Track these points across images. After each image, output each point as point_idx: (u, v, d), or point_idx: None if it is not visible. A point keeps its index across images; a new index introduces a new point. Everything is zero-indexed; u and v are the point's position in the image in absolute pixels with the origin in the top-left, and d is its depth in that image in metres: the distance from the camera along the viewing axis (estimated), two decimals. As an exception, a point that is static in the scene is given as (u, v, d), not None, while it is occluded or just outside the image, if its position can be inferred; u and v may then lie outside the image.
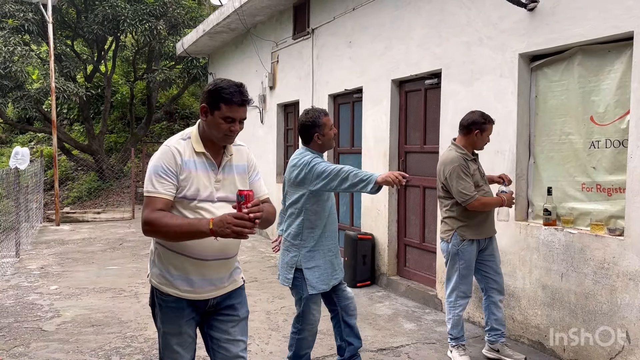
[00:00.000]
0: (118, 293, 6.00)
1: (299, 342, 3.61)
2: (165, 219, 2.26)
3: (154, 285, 2.51)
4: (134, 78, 16.80)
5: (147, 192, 2.33)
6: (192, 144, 2.43)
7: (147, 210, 2.30)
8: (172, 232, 2.26)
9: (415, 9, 5.66)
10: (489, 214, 3.98)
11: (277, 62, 8.99)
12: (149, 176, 2.35)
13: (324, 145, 3.56)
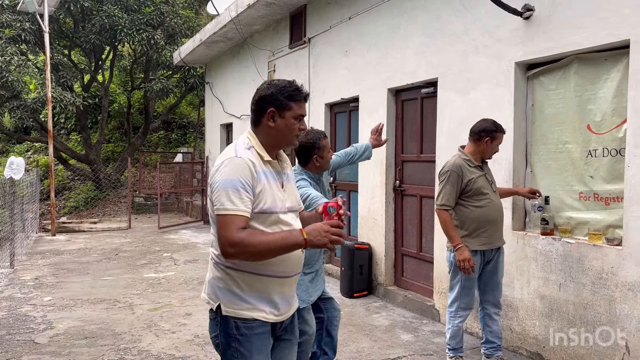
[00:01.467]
0: (112, 304, 5.94)
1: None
2: (257, 237, 2.07)
3: (231, 315, 2.20)
4: (131, 87, 16.79)
5: (226, 210, 2.07)
6: (257, 152, 2.23)
7: (229, 231, 2.05)
8: (266, 250, 2.06)
9: (411, 17, 5.65)
10: (496, 224, 3.92)
11: (274, 71, 8.98)
12: (224, 192, 2.09)
13: (322, 168, 3.55)
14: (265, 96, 2.24)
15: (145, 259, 8.57)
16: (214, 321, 2.26)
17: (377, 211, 6.24)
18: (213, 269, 2.27)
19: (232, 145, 2.26)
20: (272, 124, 2.24)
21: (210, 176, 2.19)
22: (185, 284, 6.88)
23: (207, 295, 2.28)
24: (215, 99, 11.96)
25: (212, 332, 2.29)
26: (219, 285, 2.24)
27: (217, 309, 2.22)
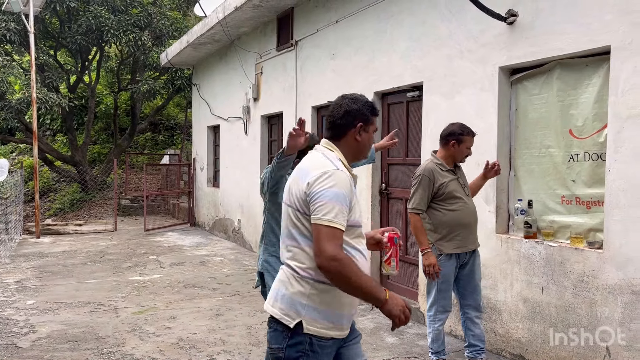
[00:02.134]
0: (97, 307, 5.89)
1: None
2: (354, 267, 2.05)
3: (311, 333, 2.14)
4: (118, 89, 16.69)
5: (331, 222, 2.05)
6: (344, 166, 2.24)
7: (332, 245, 2.03)
8: (354, 284, 2.04)
9: (397, 21, 5.68)
10: (470, 228, 3.95)
11: (261, 74, 8.98)
12: (331, 204, 2.06)
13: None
14: (352, 110, 2.27)
15: (131, 261, 8.52)
16: (282, 334, 2.18)
17: (363, 214, 6.23)
18: (294, 284, 2.18)
19: (321, 156, 2.24)
20: (359, 138, 2.28)
21: (308, 185, 2.13)
22: (171, 287, 6.85)
23: (281, 310, 2.19)
24: (202, 101, 11.93)
25: (274, 344, 2.21)
26: (301, 302, 2.16)
27: (297, 325, 2.15)
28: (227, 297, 6.34)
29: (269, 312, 2.25)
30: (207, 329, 5.16)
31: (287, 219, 2.23)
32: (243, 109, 9.55)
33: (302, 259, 2.17)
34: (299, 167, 2.27)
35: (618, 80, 3.55)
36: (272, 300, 2.26)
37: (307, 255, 2.14)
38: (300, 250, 2.18)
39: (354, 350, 2.35)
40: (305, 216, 2.14)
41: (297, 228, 2.18)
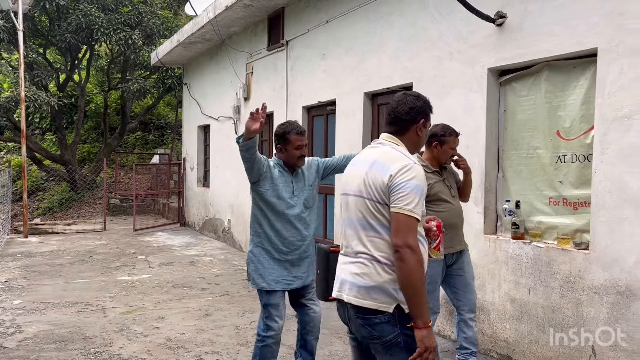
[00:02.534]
0: (84, 307, 5.86)
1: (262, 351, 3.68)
2: (422, 264, 2.22)
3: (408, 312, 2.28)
4: (108, 87, 16.61)
5: (411, 213, 2.19)
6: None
7: (411, 234, 2.18)
8: (415, 278, 2.17)
9: (387, 22, 5.69)
10: (456, 229, 3.94)
11: (252, 74, 8.96)
12: (415, 196, 2.20)
13: (287, 161, 3.62)
14: (415, 107, 2.41)
15: (120, 261, 8.47)
16: (389, 323, 2.26)
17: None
18: (382, 273, 2.27)
19: (394, 150, 2.35)
20: (420, 133, 2.44)
21: (390, 177, 2.24)
22: (160, 287, 6.82)
23: (375, 300, 2.26)
24: (192, 100, 11.89)
25: (388, 334, 2.26)
26: (393, 287, 2.26)
27: (396, 309, 2.25)
28: (216, 297, 6.32)
29: (359, 305, 2.28)
30: (196, 329, 5.14)
31: (364, 210, 2.31)
32: (233, 109, 9.53)
33: (385, 249, 2.26)
34: (371, 161, 2.35)
35: (605, 82, 3.58)
36: (359, 294, 2.29)
37: (390, 245, 2.24)
38: (382, 241, 2.28)
39: None
40: (385, 207, 2.25)
41: (377, 219, 2.28)
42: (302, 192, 3.66)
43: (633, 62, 3.42)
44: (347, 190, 2.44)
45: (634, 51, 3.42)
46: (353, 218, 2.36)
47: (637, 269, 3.39)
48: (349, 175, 2.47)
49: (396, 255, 2.19)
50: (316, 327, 3.84)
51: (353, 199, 2.37)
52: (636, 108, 3.40)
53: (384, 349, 2.29)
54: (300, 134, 3.59)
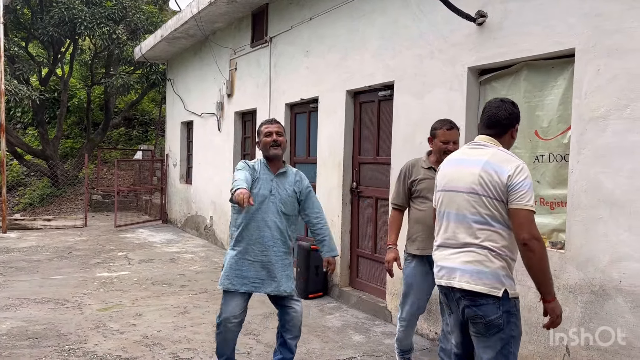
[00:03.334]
0: (61, 304, 5.78)
1: (218, 337, 3.76)
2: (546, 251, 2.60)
3: (512, 296, 2.65)
4: (92, 82, 16.42)
5: (532, 208, 2.54)
6: None
7: (534, 227, 2.53)
8: (543, 265, 2.55)
9: (369, 20, 5.68)
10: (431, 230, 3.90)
11: (235, 70, 8.91)
12: (530, 192, 2.55)
13: (264, 153, 3.74)
14: (513, 113, 2.76)
15: (99, 257, 8.38)
16: (493, 305, 2.61)
17: (334, 212, 6.24)
18: (494, 261, 2.61)
19: (502, 152, 2.68)
20: (514, 136, 2.81)
21: (508, 177, 2.56)
22: (139, 283, 6.75)
23: (486, 285, 2.61)
24: (176, 96, 11.80)
25: (492, 314, 2.61)
26: (503, 274, 2.62)
27: (504, 293, 2.60)
28: (195, 295, 6.27)
29: (470, 289, 2.63)
30: (173, 327, 5.09)
31: (480, 206, 2.61)
32: (217, 105, 9.46)
33: (498, 240, 2.60)
34: (483, 161, 2.64)
35: (582, 83, 3.59)
36: (471, 279, 2.64)
37: (501, 236, 2.60)
38: (494, 233, 2.60)
39: None
40: (502, 203, 2.57)
41: (492, 214, 2.60)
42: (280, 193, 3.65)
43: (609, 63, 3.44)
44: (453, 187, 2.74)
45: (610, 52, 3.44)
46: (464, 213, 2.67)
47: (611, 269, 3.41)
48: (455, 173, 2.76)
49: (525, 247, 2.52)
50: (296, 326, 3.84)
51: (464, 195, 2.67)
52: (612, 108, 3.42)
53: (485, 327, 2.65)
54: (270, 122, 3.75)
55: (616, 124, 3.40)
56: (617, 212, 3.38)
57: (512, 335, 2.66)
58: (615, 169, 3.39)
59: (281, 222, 3.65)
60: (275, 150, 3.64)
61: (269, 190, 3.61)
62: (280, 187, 3.67)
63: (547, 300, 2.63)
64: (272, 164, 3.70)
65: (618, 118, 3.38)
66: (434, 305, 4.78)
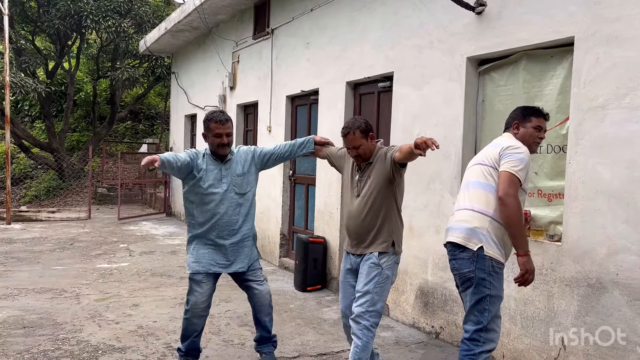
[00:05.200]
0: (59, 294, 5.78)
1: (185, 323, 3.81)
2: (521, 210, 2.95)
3: (491, 256, 2.95)
4: (98, 76, 16.45)
5: (516, 173, 2.89)
6: None
7: (513, 187, 2.89)
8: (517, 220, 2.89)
9: (370, 11, 5.61)
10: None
11: (238, 62, 8.87)
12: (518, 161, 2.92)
13: (211, 148, 3.74)
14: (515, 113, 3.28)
15: (101, 249, 8.39)
16: (468, 260, 2.97)
17: (333, 205, 6.20)
18: (477, 219, 2.99)
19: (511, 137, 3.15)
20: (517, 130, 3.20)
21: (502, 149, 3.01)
22: (138, 275, 6.75)
23: (465, 239, 3.00)
24: (180, 90, 11.79)
25: (465, 268, 3.00)
26: (482, 232, 2.96)
27: (479, 249, 2.94)
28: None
29: (454, 241, 3.04)
30: (169, 317, 5.07)
31: (479, 174, 3.05)
32: (219, 98, 9.43)
33: (484, 202, 2.98)
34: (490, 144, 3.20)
35: (581, 72, 3.52)
36: (455, 234, 3.06)
37: (487, 200, 2.97)
38: (483, 196, 2.99)
39: None
40: (495, 171, 2.97)
41: (487, 180, 3.00)
42: (232, 179, 3.75)
43: (608, 51, 3.36)
44: (471, 164, 3.20)
45: (609, 40, 3.36)
46: (468, 181, 3.12)
47: (608, 261, 3.34)
48: (477, 155, 3.25)
49: (500, 202, 2.89)
50: (264, 304, 3.93)
51: (473, 167, 3.13)
52: (610, 98, 3.34)
53: (460, 280, 3.04)
54: (220, 122, 3.65)
55: (615, 114, 3.32)
56: (615, 204, 3.31)
57: (488, 293, 2.95)
58: (614, 159, 3.32)
59: (238, 203, 3.77)
60: (223, 150, 3.72)
61: (219, 178, 3.70)
62: (230, 170, 3.76)
63: (519, 254, 2.94)
64: (219, 156, 3.77)
65: (617, 107, 3.31)
66: (430, 298, 4.74)
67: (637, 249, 3.19)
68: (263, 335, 4.00)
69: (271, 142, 7.67)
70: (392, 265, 3.41)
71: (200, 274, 3.71)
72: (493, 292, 2.97)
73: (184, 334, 3.83)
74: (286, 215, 7.45)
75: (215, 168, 3.71)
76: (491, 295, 2.97)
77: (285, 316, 5.23)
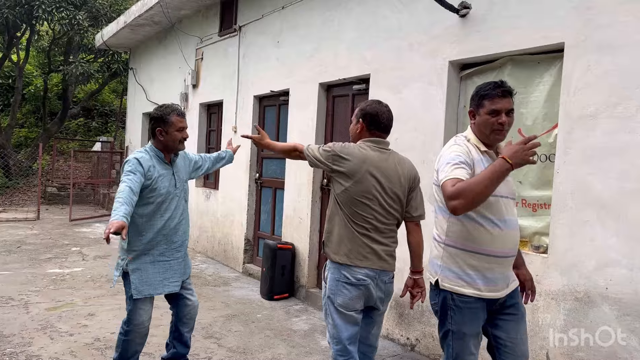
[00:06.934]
0: (5, 302, 5.33)
1: (126, 344, 3.46)
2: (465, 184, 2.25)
3: (447, 289, 2.51)
4: (49, 70, 15.70)
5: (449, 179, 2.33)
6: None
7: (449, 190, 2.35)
8: (482, 189, 2.20)
9: (346, 10, 5.43)
10: None
11: (202, 60, 8.54)
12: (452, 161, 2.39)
13: (167, 145, 3.40)
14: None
15: (51, 252, 7.89)
16: (434, 292, 2.61)
17: (302, 210, 5.98)
18: (434, 249, 2.61)
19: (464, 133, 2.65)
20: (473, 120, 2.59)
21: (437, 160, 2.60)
22: (92, 281, 6.34)
23: (428, 271, 2.67)
24: (138, 86, 11.32)
25: (431, 300, 2.64)
26: (438, 263, 2.56)
27: (436, 282, 2.56)
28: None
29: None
30: (128, 329, 4.73)
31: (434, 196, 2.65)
32: (181, 96, 9.07)
33: (439, 227, 2.59)
34: None
35: (570, 79, 3.43)
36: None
37: (440, 224, 2.57)
38: (438, 221, 2.60)
39: (511, 325, 2.58)
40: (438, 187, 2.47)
41: (436, 201, 2.60)
42: (182, 183, 3.53)
43: (600, 59, 3.28)
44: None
45: (601, 47, 3.28)
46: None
47: (597, 275, 3.25)
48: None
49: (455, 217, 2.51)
50: (193, 318, 3.70)
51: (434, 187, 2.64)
52: (602, 107, 3.26)
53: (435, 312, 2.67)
54: (182, 115, 3.45)
55: (606, 123, 3.24)
56: (605, 216, 3.22)
57: (449, 328, 2.54)
58: (605, 170, 3.23)
59: (187, 212, 3.57)
60: (183, 145, 3.47)
61: (173, 184, 3.43)
62: (180, 176, 3.52)
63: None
64: (168, 155, 3.46)
65: (609, 117, 3.23)
66: (406, 309, 4.58)
67: (628, 263, 3.11)
68: (181, 352, 3.70)
69: (237, 142, 7.38)
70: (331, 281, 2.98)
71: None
72: (454, 328, 2.52)
73: (123, 356, 3.47)
74: (251, 219, 7.17)
75: (168, 173, 3.40)
76: (452, 331, 2.53)
77: (253, 327, 4.97)
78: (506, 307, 2.58)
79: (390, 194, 2.96)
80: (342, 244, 2.92)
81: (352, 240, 2.90)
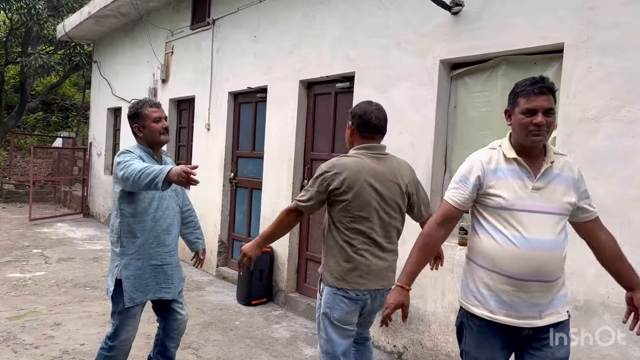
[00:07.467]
0: (-38, 311, 4.97)
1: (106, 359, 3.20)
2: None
3: (463, 306, 2.36)
4: (6, 61, 14.99)
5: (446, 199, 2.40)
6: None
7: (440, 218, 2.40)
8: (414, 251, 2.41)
9: (329, 7, 5.24)
10: None
11: (172, 54, 8.21)
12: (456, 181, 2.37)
13: (148, 139, 3.18)
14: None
15: (10, 255, 7.46)
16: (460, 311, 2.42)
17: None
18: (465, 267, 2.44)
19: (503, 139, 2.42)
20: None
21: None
22: (57, 286, 5.98)
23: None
24: (103, 80, 10.87)
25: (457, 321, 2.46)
26: (464, 282, 2.38)
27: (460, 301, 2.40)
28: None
29: None
30: (98, 339, 4.42)
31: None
32: (149, 91, 8.71)
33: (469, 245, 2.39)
34: None
35: (570, 81, 3.33)
36: None
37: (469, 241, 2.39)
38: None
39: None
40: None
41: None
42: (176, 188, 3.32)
43: (603, 60, 3.19)
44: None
45: (604, 48, 3.18)
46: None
47: (597, 283, 3.16)
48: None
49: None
50: (181, 334, 3.48)
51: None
52: (604, 110, 3.17)
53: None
54: (156, 105, 3.23)
55: (609, 127, 3.15)
56: (608, 222, 3.10)
57: (463, 348, 2.38)
58: (607, 175, 3.14)
59: (178, 218, 3.36)
60: (165, 136, 3.23)
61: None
62: None
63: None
64: (156, 152, 3.25)
65: (611, 120, 3.13)
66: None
67: (631, 271, 3.02)
68: None
69: (210, 140, 7.12)
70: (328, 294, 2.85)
71: (138, 306, 3.16)
72: (466, 349, 2.34)
73: None
74: (226, 220, 6.92)
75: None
76: (465, 352, 2.35)
77: (232, 335, 4.74)
78: (537, 341, 2.25)
79: (391, 203, 2.82)
80: (339, 267, 2.78)
81: (350, 261, 2.75)
